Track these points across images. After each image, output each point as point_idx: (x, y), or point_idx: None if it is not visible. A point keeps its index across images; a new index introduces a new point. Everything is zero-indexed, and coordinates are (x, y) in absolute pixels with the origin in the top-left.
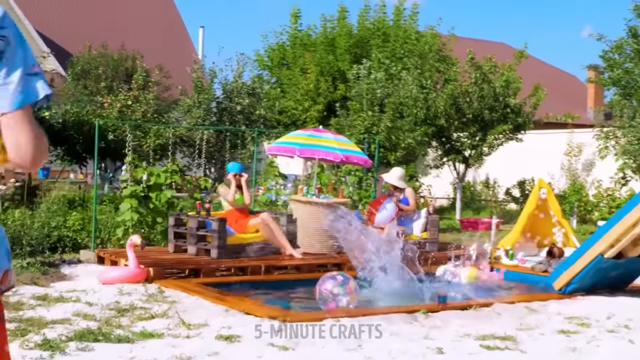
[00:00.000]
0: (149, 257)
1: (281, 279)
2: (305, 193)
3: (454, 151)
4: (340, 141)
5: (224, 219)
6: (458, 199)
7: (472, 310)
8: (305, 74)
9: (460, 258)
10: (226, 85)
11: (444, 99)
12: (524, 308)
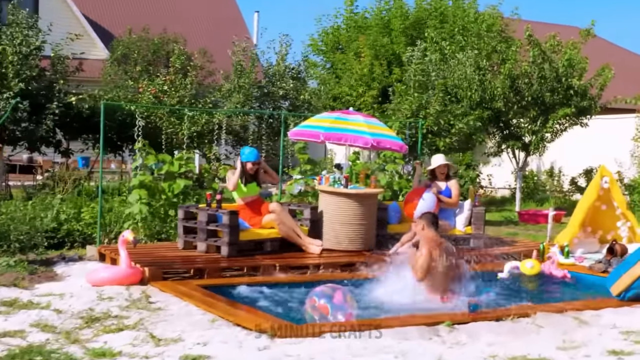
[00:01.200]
0: (152, 254)
1: (297, 281)
2: (332, 182)
3: (512, 137)
4: (372, 124)
5: (235, 212)
6: (518, 189)
7: (508, 321)
8: (360, 58)
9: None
10: (269, 69)
11: (501, 80)
12: (572, 319)
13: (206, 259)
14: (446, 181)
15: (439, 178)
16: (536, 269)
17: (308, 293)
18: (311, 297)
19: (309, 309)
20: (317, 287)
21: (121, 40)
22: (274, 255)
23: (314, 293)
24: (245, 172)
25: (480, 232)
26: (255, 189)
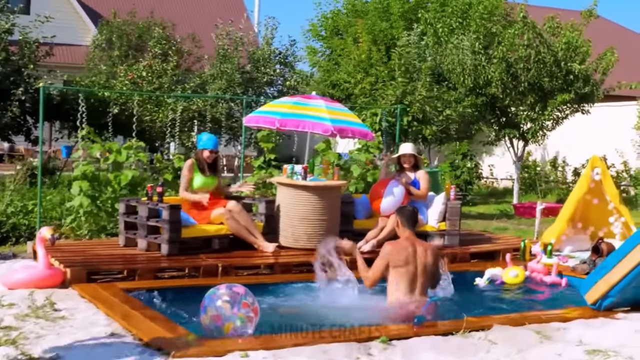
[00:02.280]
0: (85, 252)
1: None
2: (289, 174)
3: (510, 125)
4: (333, 110)
5: (177, 206)
6: (515, 180)
7: (458, 336)
8: (358, 43)
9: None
10: (253, 54)
11: (496, 64)
12: (534, 333)
13: (145, 258)
14: (414, 172)
15: (406, 169)
16: (521, 277)
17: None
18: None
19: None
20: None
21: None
22: (221, 255)
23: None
24: (201, 161)
25: (455, 228)
26: (212, 181)
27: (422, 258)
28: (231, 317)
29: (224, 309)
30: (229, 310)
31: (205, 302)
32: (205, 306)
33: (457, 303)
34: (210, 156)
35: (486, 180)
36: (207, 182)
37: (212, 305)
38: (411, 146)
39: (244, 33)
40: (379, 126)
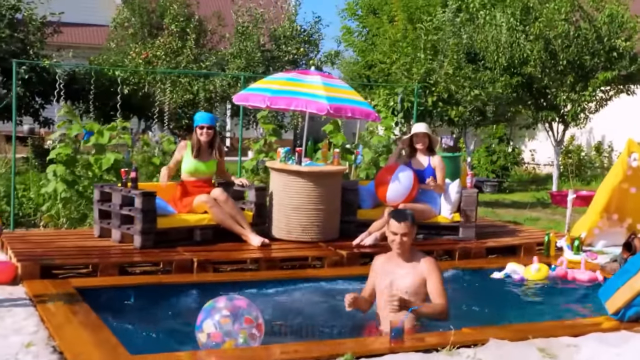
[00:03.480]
0: (49, 244)
1: (220, 281)
2: (282, 158)
3: (548, 107)
4: (331, 86)
5: (151, 193)
6: (555, 166)
7: (443, 353)
8: (393, 22)
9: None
10: (274, 31)
11: (532, 41)
12: (537, 351)
13: (112, 251)
14: (429, 156)
15: (419, 151)
16: (543, 272)
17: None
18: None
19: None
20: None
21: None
22: (202, 247)
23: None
24: (195, 141)
25: (470, 219)
26: (206, 167)
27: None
28: (232, 334)
29: (223, 325)
30: (229, 326)
31: (201, 316)
32: (202, 321)
33: (464, 302)
34: (203, 133)
35: (527, 166)
36: (199, 168)
37: (210, 320)
38: (425, 125)
39: (264, 9)
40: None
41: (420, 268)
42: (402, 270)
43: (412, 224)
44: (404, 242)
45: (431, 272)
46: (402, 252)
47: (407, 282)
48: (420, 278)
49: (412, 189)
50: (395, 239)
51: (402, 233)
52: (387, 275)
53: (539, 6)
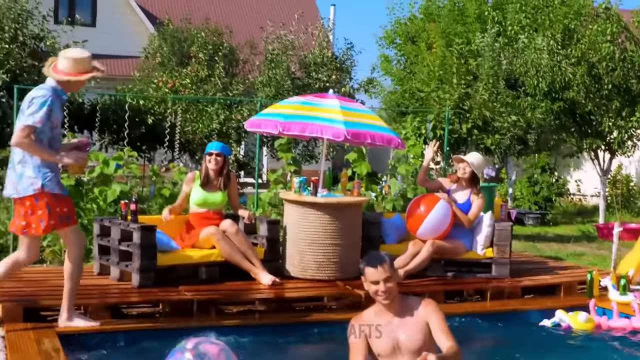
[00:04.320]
0: (45, 282)
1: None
2: (297, 188)
3: (593, 134)
4: (349, 111)
5: (150, 227)
6: (602, 197)
7: None
8: (431, 49)
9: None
10: (304, 58)
11: (574, 64)
12: None
13: (113, 290)
14: (471, 188)
15: (460, 180)
16: (592, 322)
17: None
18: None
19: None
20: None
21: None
22: (206, 287)
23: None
24: (204, 170)
25: (504, 255)
26: (217, 199)
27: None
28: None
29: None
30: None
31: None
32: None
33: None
34: (212, 159)
35: (572, 197)
36: (208, 199)
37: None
38: (476, 156)
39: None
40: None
41: (419, 314)
42: (402, 325)
43: (390, 265)
44: (390, 289)
45: (432, 314)
46: (391, 301)
47: (417, 338)
48: (424, 325)
49: (446, 229)
50: (377, 288)
51: (383, 279)
52: (387, 337)
53: (581, 28)
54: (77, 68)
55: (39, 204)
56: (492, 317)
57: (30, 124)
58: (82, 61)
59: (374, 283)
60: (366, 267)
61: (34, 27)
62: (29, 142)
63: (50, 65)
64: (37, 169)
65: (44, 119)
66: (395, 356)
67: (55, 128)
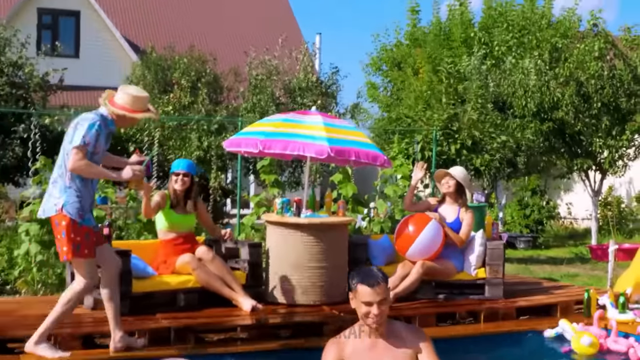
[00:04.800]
0: (12, 313)
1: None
2: (279, 209)
3: (583, 154)
4: (333, 127)
5: (125, 252)
6: (593, 218)
7: None
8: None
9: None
10: (289, 84)
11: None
12: None
13: (86, 319)
14: (459, 205)
15: (446, 194)
16: (596, 346)
17: None
18: None
19: None
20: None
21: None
22: (185, 314)
23: None
24: (172, 191)
25: (497, 275)
26: (185, 220)
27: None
28: None
29: None
30: None
31: None
32: None
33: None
34: (178, 180)
35: (564, 220)
36: (177, 221)
37: None
38: (459, 170)
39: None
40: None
41: (409, 342)
42: (389, 351)
43: (387, 286)
44: (383, 313)
45: (424, 345)
46: (381, 325)
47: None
48: (413, 356)
49: (437, 249)
50: (370, 310)
51: (378, 301)
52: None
53: (568, 47)
54: (135, 105)
55: (58, 227)
56: (487, 339)
57: (80, 145)
58: (141, 100)
59: (366, 304)
60: (360, 285)
61: (12, 54)
62: (85, 163)
63: (107, 97)
64: (64, 191)
65: (93, 140)
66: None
67: (95, 154)
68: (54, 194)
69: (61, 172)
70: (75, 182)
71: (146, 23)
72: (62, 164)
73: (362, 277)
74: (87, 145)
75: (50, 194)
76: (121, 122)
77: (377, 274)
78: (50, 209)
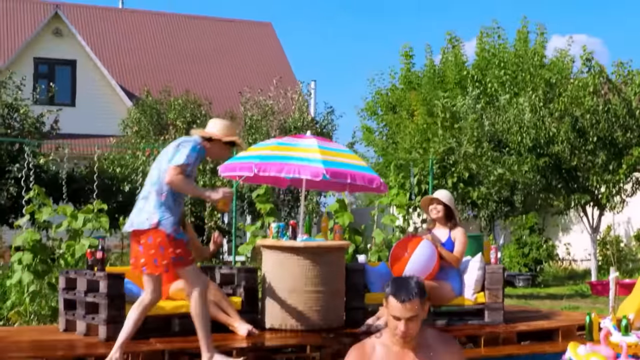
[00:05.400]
0: (4, 340)
1: None
2: (275, 233)
3: (580, 190)
4: (328, 150)
5: (118, 276)
6: (592, 256)
7: None
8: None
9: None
10: (284, 123)
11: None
12: None
13: (78, 344)
14: (449, 228)
15: (435, 220)
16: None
17: None
18: None
19: None
20: None
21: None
22: (180, 338)
23: None
24: None
25: (497, 300)
26: None
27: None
28: None
29: None
30: None
31: None
32: None
33: None
34: None
35: (562, 261)
36: None
37: None
38: (444, 193)
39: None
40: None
41: (439, 354)
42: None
43: (421, 300)
44: (412, 329)
45: (453, 354)
46: (408, 342)
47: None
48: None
49: (433, 269)
50: (398, 325)
51: (407, 318)
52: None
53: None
54: (227, 132)
55: (152, 242)
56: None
57: (181, 163)
58: (232, 127)
59: (394, 318)
60: (391, 297)
61: (7, 97)
62: (180, 179)
63: (199, 130)
64: (158, 206)
65: (192, 161)
66: None
67: (189, 177)
68: (146, 209)
69: (156, 188)
70: (169, 199)
71: (141, 70)
72: (157, 180)
73: (395, 288)
74: (187, 166)
75: (142, 209)
76: (215, 152)
77: (411, 289)
78: (142, 222)
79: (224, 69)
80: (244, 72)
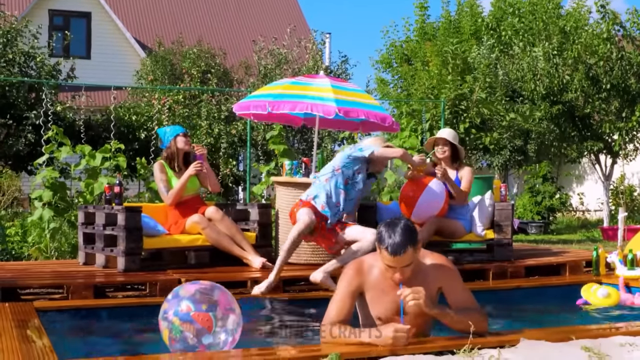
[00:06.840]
0: (25, 271)
1: None
2: (288, 170)
3: (593, 137)
4: (341, 89)
5: (136, 209)
6: (605, 203)
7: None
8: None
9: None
10: (298, 72)
11: (571, 66)
12: (581, 349)
13: (97, 274)
14: (456, 168)
15: (441, 160)
16: (614, 299)
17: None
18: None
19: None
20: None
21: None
22: (196, 270)
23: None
24: (174, 155)
25: (506, 236)
26: (190, 184)
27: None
28: (165, 322)
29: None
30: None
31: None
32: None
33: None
34: (186, 140)
35: (575, 211)
36: (187, 185)
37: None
38: (448, 132)
39: (288, 50)
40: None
41: (431, 280)
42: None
43: (414, 247)
44: (406, 274)
45: (446, 279)
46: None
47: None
48: (435, 291)
49: (442, 207)
50: (392, 272)
51: (402, 267)
52: (393, 301)
53: (576, 30)
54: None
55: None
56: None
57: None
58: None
59: (389, 266)
60: (383, 250)
61: (24, 45)
62: None
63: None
64: (321, 188)
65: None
66: (397, 320)
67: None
68: (311, 190)
69: (326, 172)
70: (330, 184)
71: (154, 20)
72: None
73: (387, 242)
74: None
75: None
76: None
77: (404, 242)
78: (306, 196)
79: (237, 19)
80: (257, 22)
